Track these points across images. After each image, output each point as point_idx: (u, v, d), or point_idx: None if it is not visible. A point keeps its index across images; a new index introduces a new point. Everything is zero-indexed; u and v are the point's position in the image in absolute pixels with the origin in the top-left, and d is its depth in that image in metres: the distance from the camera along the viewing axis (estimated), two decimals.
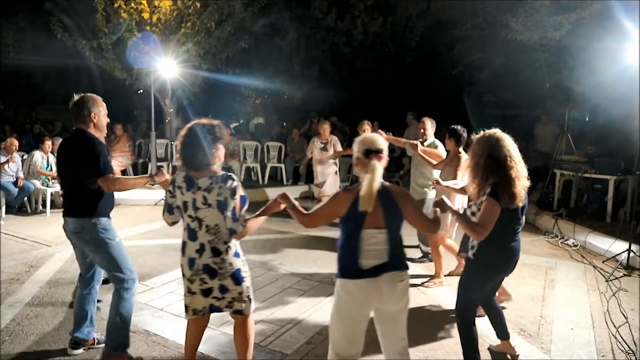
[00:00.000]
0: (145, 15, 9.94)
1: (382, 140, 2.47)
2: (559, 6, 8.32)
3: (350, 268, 2.37)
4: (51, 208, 7.68)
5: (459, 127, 4.71)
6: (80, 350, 3.28)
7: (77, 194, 3.10)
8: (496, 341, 3.43)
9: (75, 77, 15.85)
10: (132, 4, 9.60)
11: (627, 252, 5.36)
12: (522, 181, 2.83)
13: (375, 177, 2.30)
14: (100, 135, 3.24)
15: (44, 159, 7.98)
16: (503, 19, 8.90)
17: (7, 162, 7.39)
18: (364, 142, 2.45)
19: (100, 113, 3.24)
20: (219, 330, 3.68)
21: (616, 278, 4.97)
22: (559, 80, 9.24)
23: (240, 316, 2.75)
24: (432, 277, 4.86)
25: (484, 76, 11.35)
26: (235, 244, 2.68)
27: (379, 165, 2.37)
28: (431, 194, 5.14)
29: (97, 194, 3.08)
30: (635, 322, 3.93)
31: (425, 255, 5.56)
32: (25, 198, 7.71)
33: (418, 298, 4.44)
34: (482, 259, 2.93)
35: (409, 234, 6.58)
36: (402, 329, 2.54)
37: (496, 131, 2.98)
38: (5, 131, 11.26)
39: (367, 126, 6.44)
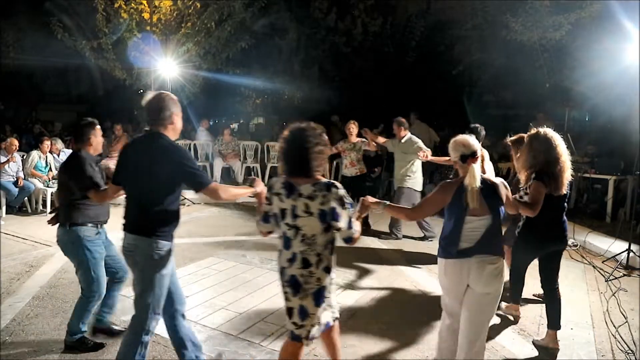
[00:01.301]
0: (146, 16, 9.94)
1: (473, 141, 2.79)
2: (559, 6, 8.33)
3: (450, 250, 2.71)
4: (51, 208, 7.68)
5: (478, 126, 5.15)
6: None
7: (154, 208, 2.63)
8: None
9: (75, 77, 15.86)
10: (132, 4, 9.60)
11: (626, 252, 5.36)
12: (567, 173, 3.36)
13: (475, 178, 2.62)
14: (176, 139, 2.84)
15: (42, 159, 7.98)
16: (503, 19, 8.91)
17: (7, 161, 7.39)
18: (457, 148, 2.78)
19: (179, 115, 2.79)
20: (219, 330, 3.68)
21: (616, 278, 4.97)
22: (558, 80, 9.25)
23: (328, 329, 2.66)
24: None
25: (484, 76, 11.36)
26: (329, 258, 2.51)
27: (477, 167, 2.69)
28: (409, 183, 6.27)
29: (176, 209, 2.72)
30: (635, 322, 3.94)
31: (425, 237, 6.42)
32: (26, 198, 7.71)
33: (418, 298, 4.44)
34: (526, 234, 3.60)
35: (409, 225, 6.58)
36: (483, 318, 2.71)
37: (548, 131, 3.44)
38: (6, 131, 11.25)
39: (352, 125, 6.77)
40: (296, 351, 2.61)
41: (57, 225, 3.41)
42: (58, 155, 8.48)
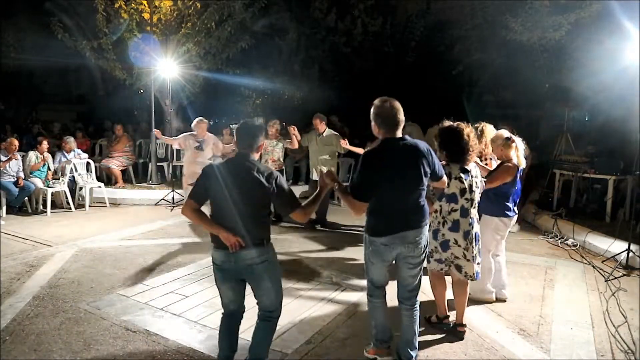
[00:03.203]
0: (146, 16, 9.94)
1: (504, 132, 4.19)
2: (559, 6, 8.34)
3: (508, 212, 4.07)
4: (52, 208, 7.70)
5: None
6: None
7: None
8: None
9: (75, 77, 15.91)
10: (133, 4, 9.60)
11: (626, 251, 5.36)
12: None
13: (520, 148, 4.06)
14: None
15: (39, 158, 7.98)
16: (503, 19, 8.92)
17: (9, 160, 7.42)
18: (500, 136, 4.14)
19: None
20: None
21: (615, 278, 4.97)
22: (558, 80, 9.25)
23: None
24: None
25: (484, 76, 11.38)
26: None
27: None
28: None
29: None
30: (635, 322, 3.94)
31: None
32: (26, 198, 7.72)
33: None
34: None
35: None
36: None
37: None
38: (6, 131, 11.26)
39: (276, 126, 7.38)
40: (463, 284, 3.60)
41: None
42: (68, 153, 8.50)
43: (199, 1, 10.04)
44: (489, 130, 4.50)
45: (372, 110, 3.00)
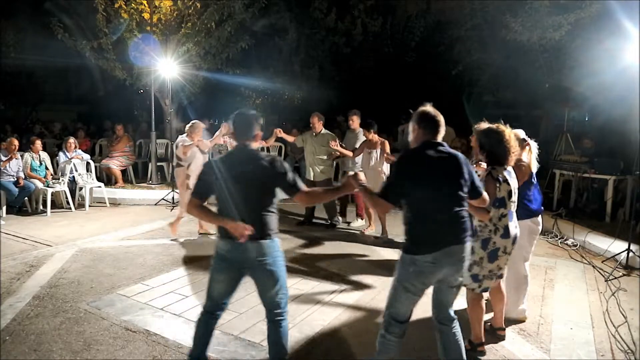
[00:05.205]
0: (146, 16, 9.95)
1: (520, 132, 3.86)
2: (558, 6, 8.34)
3: (536, 210, 3.91)
4: (52, 208, 7.69)
5: (372, 121, 6.39)
6: None
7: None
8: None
9: (75, 77, 15.90)
10: (133, 4, 9.60)
11: (626, 251, 5.36)
12: None
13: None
14: None
15: (35, 159, 7.98)
16: (502, 19, 8.92)
17: (9, 159, 7.42)
18: (516, 136, 3.57)
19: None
20: (219, 330, 3.68)
21: (615, 278, 4.98)
22: (558, 81, 9.26)
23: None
24: None
25: (484, 76, 11.36)
26: None
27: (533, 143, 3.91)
28: (329, 174, 7.08)
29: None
30: (635, 322, 3.94)
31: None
32: (26, 198, 7.72)
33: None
34: None
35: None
36: None
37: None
38: (6, 131, 11.26)
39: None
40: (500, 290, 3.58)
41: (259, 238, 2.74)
42: (68, 151, 8.50)
43: (199, 1, 10.05)
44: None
45: (414, 116, 2.88)
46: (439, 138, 2.81)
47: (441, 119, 2.83)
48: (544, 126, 11.70)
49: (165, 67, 9.46)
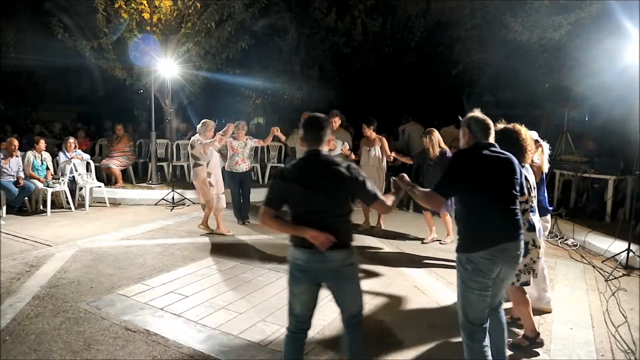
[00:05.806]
0: (146, 16, 9.95)
1: (534, 133, 3.88)
2: (558, 6, 8.33)
3: (546, 210, 4.12)
4: (52, 208, 7.69)
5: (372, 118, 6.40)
6: None
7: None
8: None
9: (75, 77, 15.88)
10: (133, 4, 9.60)
11: (626, 251, 5.36)
12: None
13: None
14: None
15: (37, 158, 7.99)
16: (502, 19, 8.91)
17: (10, 157, 7.43)
18: (531, 137, 3.55)
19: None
20: (219, 330, 3.69)
21: (615, 278, 4.98)
22: (558, 80, 9.25)
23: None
24: None
25: (484, 76, 11.35)
26: None
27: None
28: None
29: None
30: (635, 322, 3.94)
31: None
32: (26, 198, 7.72)
33: (419, 297, 4.45)
34: None
35: (407, 225, 6.55)
36: None
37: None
38: (6, 131, 11.26)
39: (242, 129, 7.07)
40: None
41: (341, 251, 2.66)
42: (68, 151, 8.51)
43: (199, 1, 10.05)
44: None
45: (464, 122, 2.96)
46: (491, 139, 2.90)
47: (490, 121, 2.95)
48: (544, 126, 11.67)
49: (165, 67, 9.45)
